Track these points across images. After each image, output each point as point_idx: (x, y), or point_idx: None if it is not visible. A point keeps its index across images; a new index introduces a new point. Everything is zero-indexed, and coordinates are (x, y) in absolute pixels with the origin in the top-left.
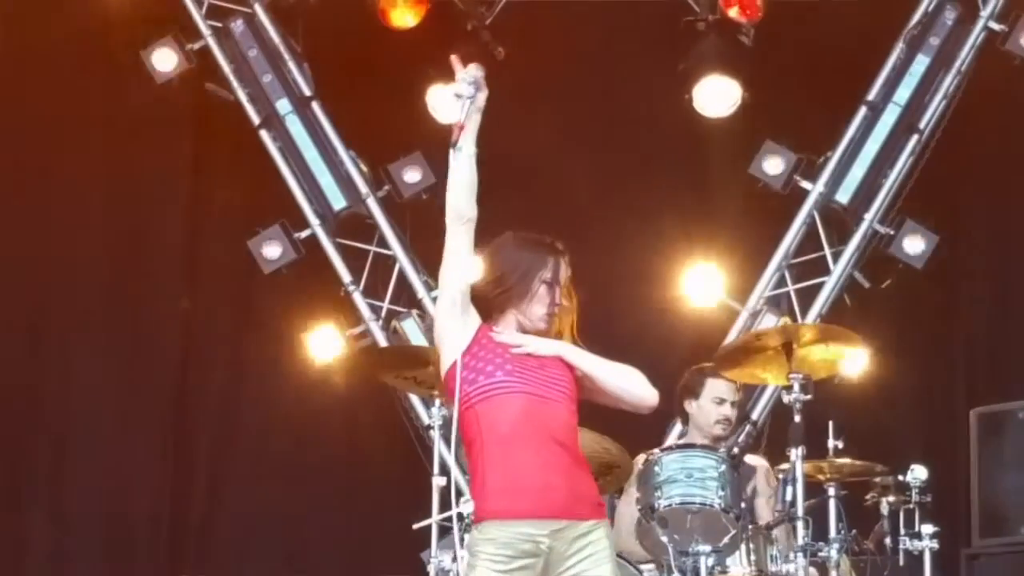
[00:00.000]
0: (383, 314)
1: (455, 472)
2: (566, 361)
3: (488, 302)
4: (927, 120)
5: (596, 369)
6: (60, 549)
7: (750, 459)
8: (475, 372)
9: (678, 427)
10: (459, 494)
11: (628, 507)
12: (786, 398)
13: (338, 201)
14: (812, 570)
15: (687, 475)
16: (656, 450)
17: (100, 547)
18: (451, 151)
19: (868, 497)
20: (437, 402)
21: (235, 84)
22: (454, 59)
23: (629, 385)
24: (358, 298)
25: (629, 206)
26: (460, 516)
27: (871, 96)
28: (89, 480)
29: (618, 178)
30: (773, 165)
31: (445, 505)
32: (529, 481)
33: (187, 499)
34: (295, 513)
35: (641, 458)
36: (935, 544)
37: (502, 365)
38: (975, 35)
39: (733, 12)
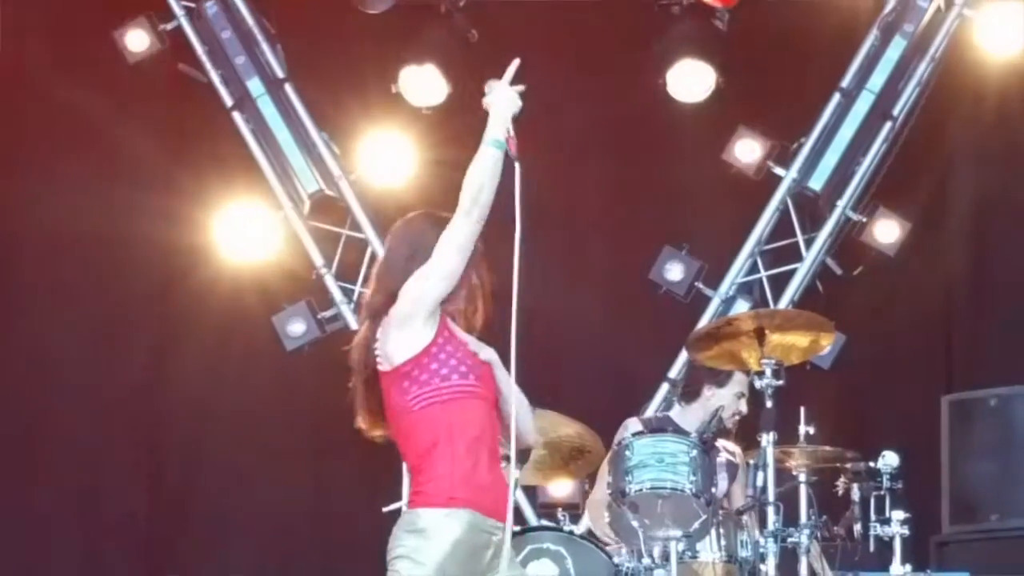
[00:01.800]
0: (355, 297)
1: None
2: (491, 371)
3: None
4: (901, 107)
5: (508, 389)
6: (33, 546)
7: (730, 446)
8: (447, 368)
9: (676, 407)
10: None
11: (601, 491)
12: (758, 383)
13: (310, 183)
14: (815, 547)
15: (658, 460)
16: (628, 434)
17: (76, 543)
18: (488, 147)
19: (839, 483)
20: None
21: (208, 65)
22: (516, 63)
23: (526, 416)
24: (330, 281)
25: (601, 189)
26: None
27: (845, 83)
28: (62, 471)
29: (590, 162)
30: (746, 151)
31: None
32: (488, 481)
33: (162, 482)
34: (268, 497)
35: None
36: (905, 530)
37: (472, 367)
38: (949, 22)
39: None
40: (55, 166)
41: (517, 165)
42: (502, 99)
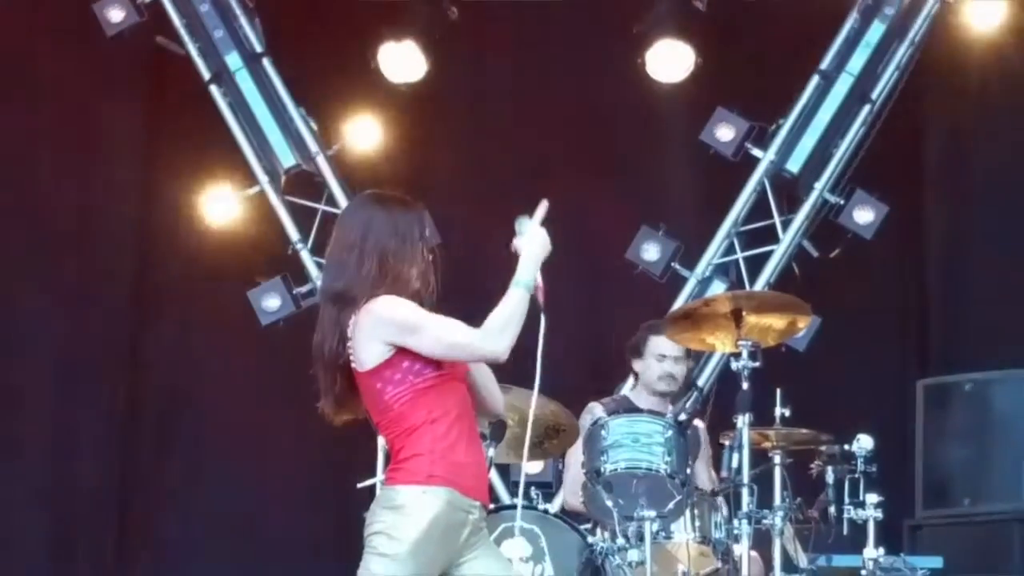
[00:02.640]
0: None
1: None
2: None
3: (381, 279)
4: (879, 90)
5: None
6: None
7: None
8: (419, 363)
9: (630, 382)
10: None
11: (575, 468)
12: (734, 365)
13: (287, 158)
14: (789, 529)
15: (633, 440)
16: (603, 414)
17: (46, 520)
18: (518, 288)
19: (813, 466)
20: None
21: (186, 38)
22: (545, 205)
23: (492, 383)
24: (306, 256)
25: (579, 169)
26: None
27: (824, 65)
28: (34, 444)
29: (568, 141)
30: (724, 132)
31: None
32: (467, 460)
33: (136, 452)
34: (242, 471)
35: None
36: (879, 514)
37: None
38: (929, 5)
39: None
40: (30, 137)
41: (543, 317)
42: (536, 243)
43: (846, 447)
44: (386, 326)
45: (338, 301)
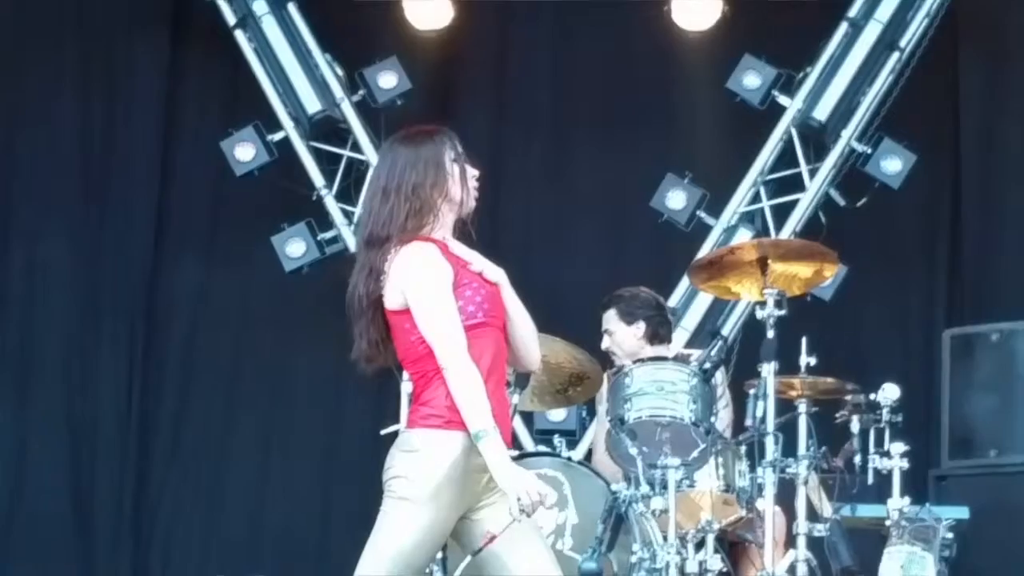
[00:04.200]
0: (356, 219)
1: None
2: (498, 292)
3: (414, 211)
4: (908, 38)
5: (518, 311)
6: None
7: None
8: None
9: None
10: None
11: (602, 425)
12: (759, 313)
13: (312, 104)
14: (814, 478)
15: (658, 388)
16: (628, 362)
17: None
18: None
19: (839, 415)
20: None
21: None
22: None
23: (532, 340)
24: (331, 202)
25: (605, 117)
26: None
27: (852, 12)
28: (54, 383)
29: (594, 89)
30: (751, 80)
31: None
32: (494, 407)
33: (156, 400)
34: (263, 419)
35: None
36: (904, 464)
37: (479, 291)
38: None
39: None
40: (56, 79)
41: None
42: (526, 484)
43: (872, 396)
44: (404, 279)
45: (371, 243)
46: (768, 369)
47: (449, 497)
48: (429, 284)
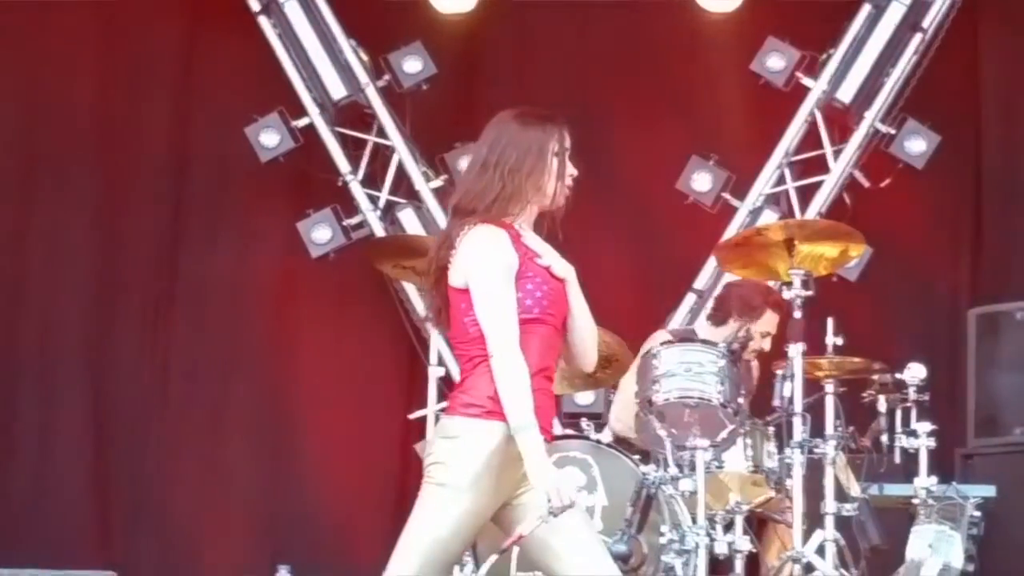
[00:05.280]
0: (381, 204)
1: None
2: (563, 287)
3: (504, 194)
4: (931, 19)
5: (581, 310)
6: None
7: None
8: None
9: (703, 320)
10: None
11: (626, 393)
12: (787, 294)
13: (337, 90)
14: (841, 458)
15: (686, 369)
16: (657, 344)
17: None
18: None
19: (865, 395)
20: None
21: None
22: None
23: (591, 341)
24: (356, 188)
25: (630, 100)
26: None
27: None
28: (73, 356)
29: (618, 72)
30: (775, 62)
31: (441, 396)
32: (536, 402)
33: (178, 386)
34: (288, 405)
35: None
36: (931, 442)
37: (541, 286)
38: None
39: None
40: (75, 63)
41: None
42: (557, 483)
43: (898, 376)
44: (469, 260)
45: (456, 212)
46: (796, 349)
47: (488, 485)
48: (491, 271)
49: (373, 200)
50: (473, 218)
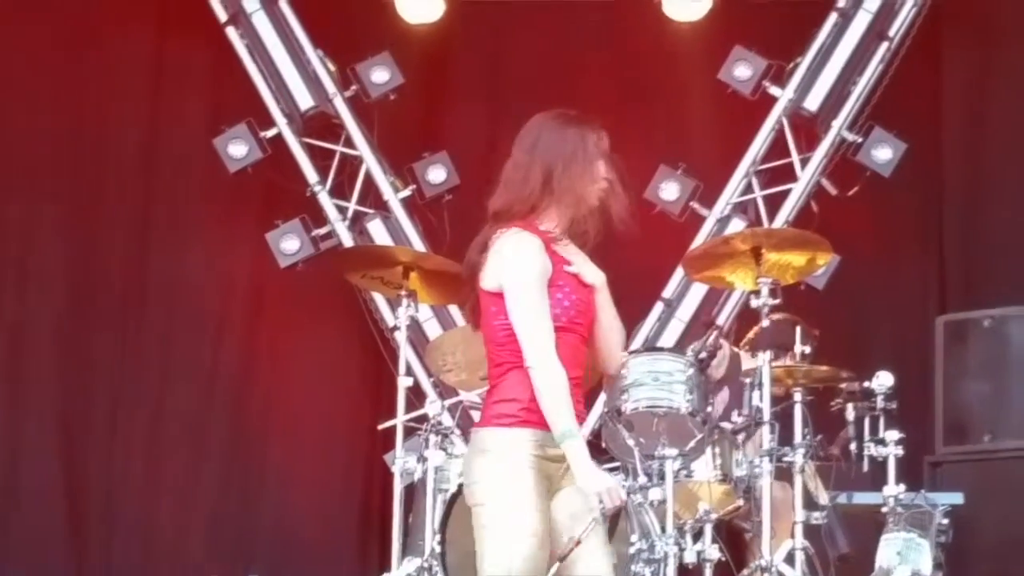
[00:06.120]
0: (349, 215)
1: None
2: (592, 295)
3: (542, 197)
4: (897, 27)
5: (609, 316)
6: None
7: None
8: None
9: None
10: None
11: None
12: (754, 302)
13: (305, 100)
14: (810, 466)
15: (654, 378)
16: (624, 352)
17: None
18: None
19: (834, 403)
20: (404, 302)
21: None
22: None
23: (617, 346)
24: (324, 198)
25: (597, 110)
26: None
27: (841, 2)
28: (46, 366)
29: (586, 81)
30: (742, 71)
31: (411, 406)
32: None
33: (147, 393)
34: (256, 415)
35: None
36: (899, 451)
37: (570, 295)
38: None
39: None
40: (40, 76)
41: None
42: (608, 485)
43: (866, 384)
44: (504, 265)
45: (494, 217)
46: (764, 358)
47: (527, 490)
48: (528, 278)
49: (341, 210)
50: (509, 221)
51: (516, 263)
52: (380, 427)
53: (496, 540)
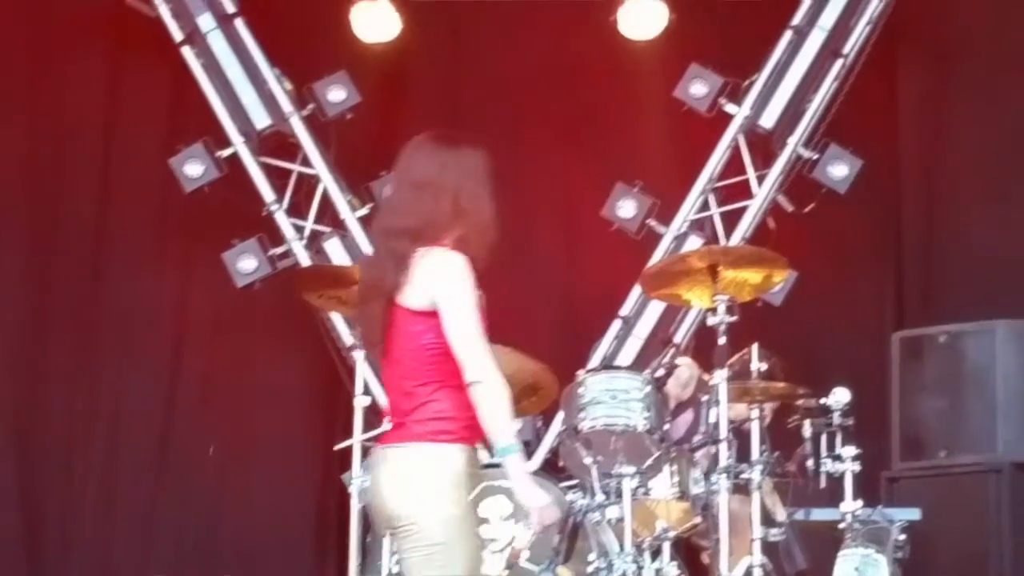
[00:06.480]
0: (306, 234)
1: None
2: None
3: (454, 218)
4: (851, 45)
5: None
6: None
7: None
8: None
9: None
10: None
11: None
12: (711, 320)
13: (261, 119)
14: (767, 483)
15: (611, 396)
16: (581, 371)
17: None
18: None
19: (791, 420)
20: None
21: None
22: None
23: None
24: (281, 217)
25: (554, 128)
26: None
27: (796, 20)
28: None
29: (543, 99)
30: (698, 88)
31: (369, 426)
32: None
33: (104, 412)
34: (212, 434)
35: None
36: (856, 467)
37: (483, 315)
38: None
39: None
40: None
41: None
42: (543, 503)
43: (823, 401)
44: (438, 285)
45: (407, 236)
46: (720, 375)
47: (471, 503)
48: (467, 295)
49: (298, 229)
50: (423, 240)
51: (453, 281)
52: (336, 447)
53: (442, 557)
